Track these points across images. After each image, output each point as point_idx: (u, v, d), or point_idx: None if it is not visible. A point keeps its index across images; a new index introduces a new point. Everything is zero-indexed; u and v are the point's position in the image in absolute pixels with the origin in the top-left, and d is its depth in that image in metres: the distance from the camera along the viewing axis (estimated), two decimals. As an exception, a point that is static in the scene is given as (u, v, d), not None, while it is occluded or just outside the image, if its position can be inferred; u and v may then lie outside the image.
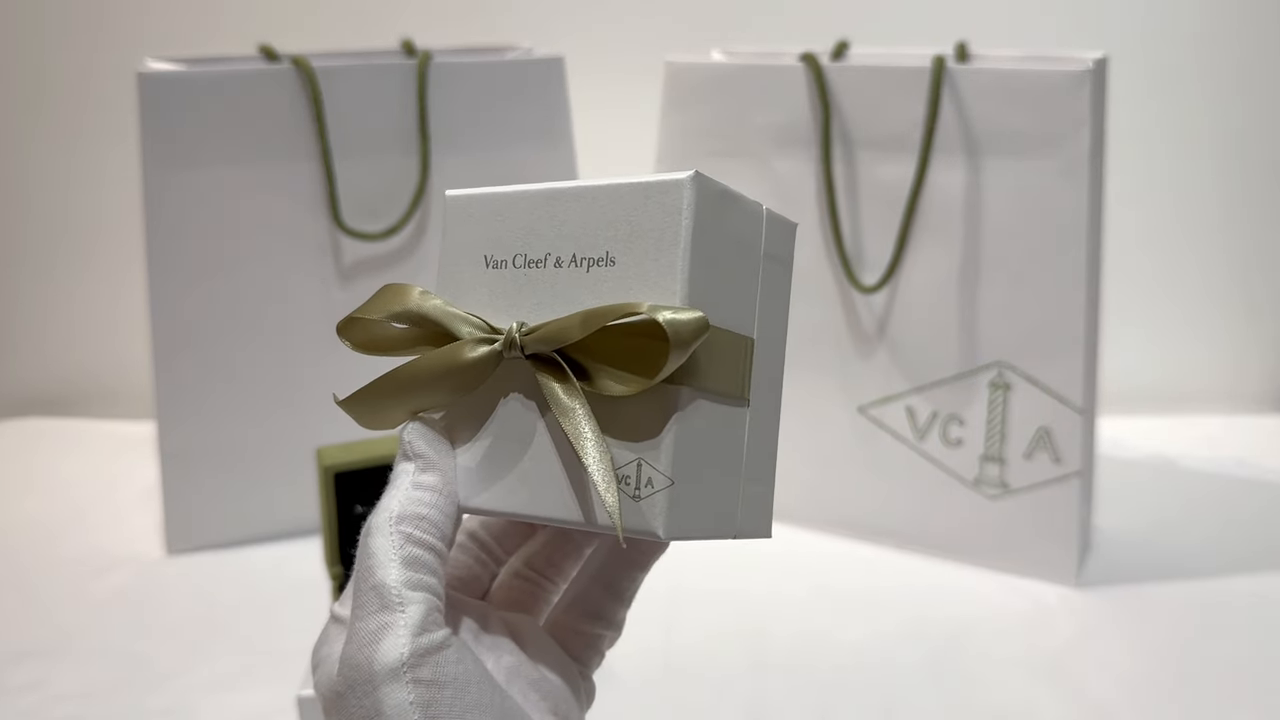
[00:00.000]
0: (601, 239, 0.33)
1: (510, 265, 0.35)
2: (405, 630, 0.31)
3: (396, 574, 0.32)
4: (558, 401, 0.32)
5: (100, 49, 1.04)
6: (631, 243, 0.32)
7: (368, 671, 0.31)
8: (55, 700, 0.65)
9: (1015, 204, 0.75)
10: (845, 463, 0.84)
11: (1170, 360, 1.10)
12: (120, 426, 1.05)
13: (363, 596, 0.32)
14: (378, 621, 0.32)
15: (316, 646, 0.35)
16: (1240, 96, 1.05)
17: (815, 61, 0.78)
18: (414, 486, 0.34)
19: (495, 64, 0.83)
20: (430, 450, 0.35)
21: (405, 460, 0.35)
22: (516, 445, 0.34)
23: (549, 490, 0.33)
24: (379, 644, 0.31)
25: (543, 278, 0.34)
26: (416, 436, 0.35)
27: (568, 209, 0.34)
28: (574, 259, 0.34)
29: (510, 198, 0.35)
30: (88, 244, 1.08)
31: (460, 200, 0.36)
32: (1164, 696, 0.66)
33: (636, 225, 0.32)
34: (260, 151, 0.78)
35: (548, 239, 0.34)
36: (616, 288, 0.33)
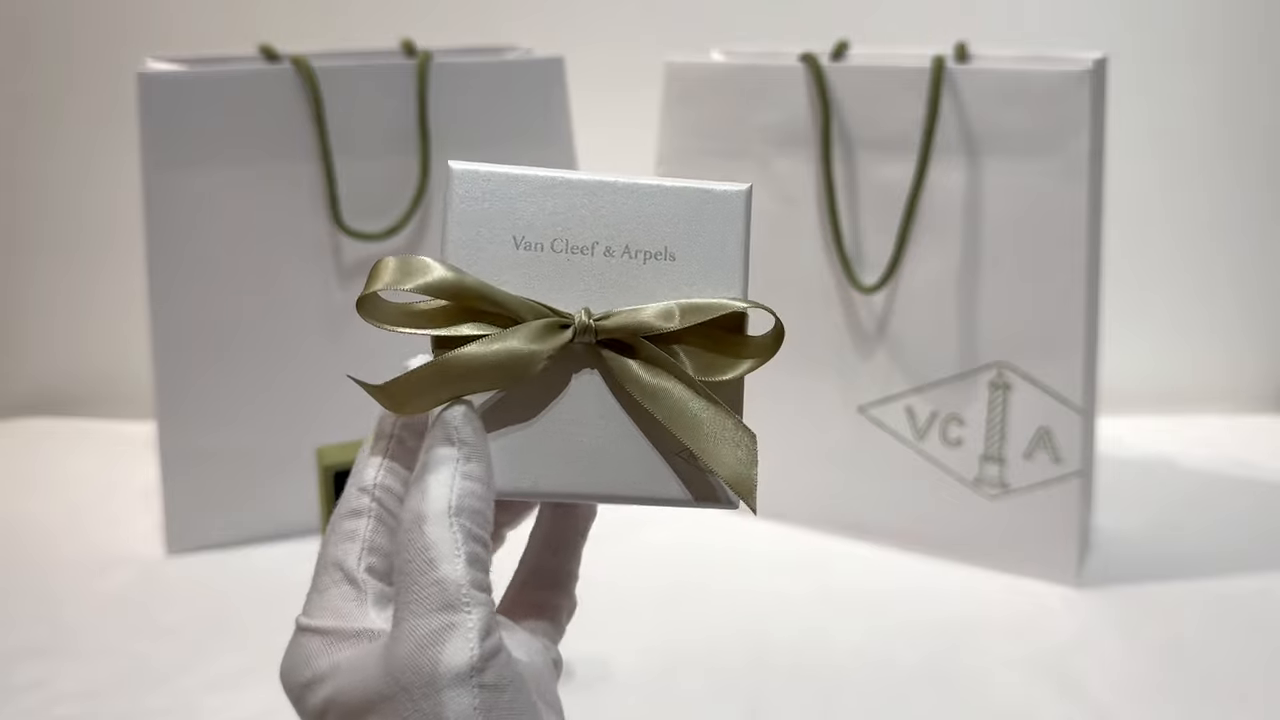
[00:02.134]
0: (659, 235, 0.35)
1: (548, 249, 0.35)
2: (474, 633, 0.30)
3: (464, 571, 0.31)
4: (642, 384, 0.34)
5: (100, 49, 1.04)
6: (692, 242, 0.35)
7: (429, 674, 0.30)
8: (56, 700, 0.65)
9: (1015, 204, 0.75)
10: (845, 463, 0.84)
11: (1170, 360, 1.10)
12: (120, 426, 1.05)
13: (421, 591, 0.31)
14: (441, 621, 0.30)
15: (296, 665, 0.33)
16: (1240, 96, 1.05)
17: (815, 61, 0.78)
18: (463, 476, 0.32)
19: (495, 64, 0.83)
20: (475, 438, 0.33)
21: (447, 445, 0.33)
22: (575, 428, 0.34)
23: (620, 469, 0.34)
24: (445, 645, 0.30)
25: (590, 265, 0.35)
26: (464, 422, 0.33)
27: (613, 201, 0.35)
28: (627, 250, 0.35)
29: (541, 181, 0.35)
30: (88, 244, 1.08)
31: (474, 175, 0.36)
32: (1164, 696, 0.66)
33: (697, 226, 0.36)
34: (260, 151, 0.78)
35: (591, 227, 0.35)
36: (678, 281, 0.35)
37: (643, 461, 0.35)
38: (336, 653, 0.32)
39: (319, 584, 0.34)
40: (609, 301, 0.35)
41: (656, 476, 0.35)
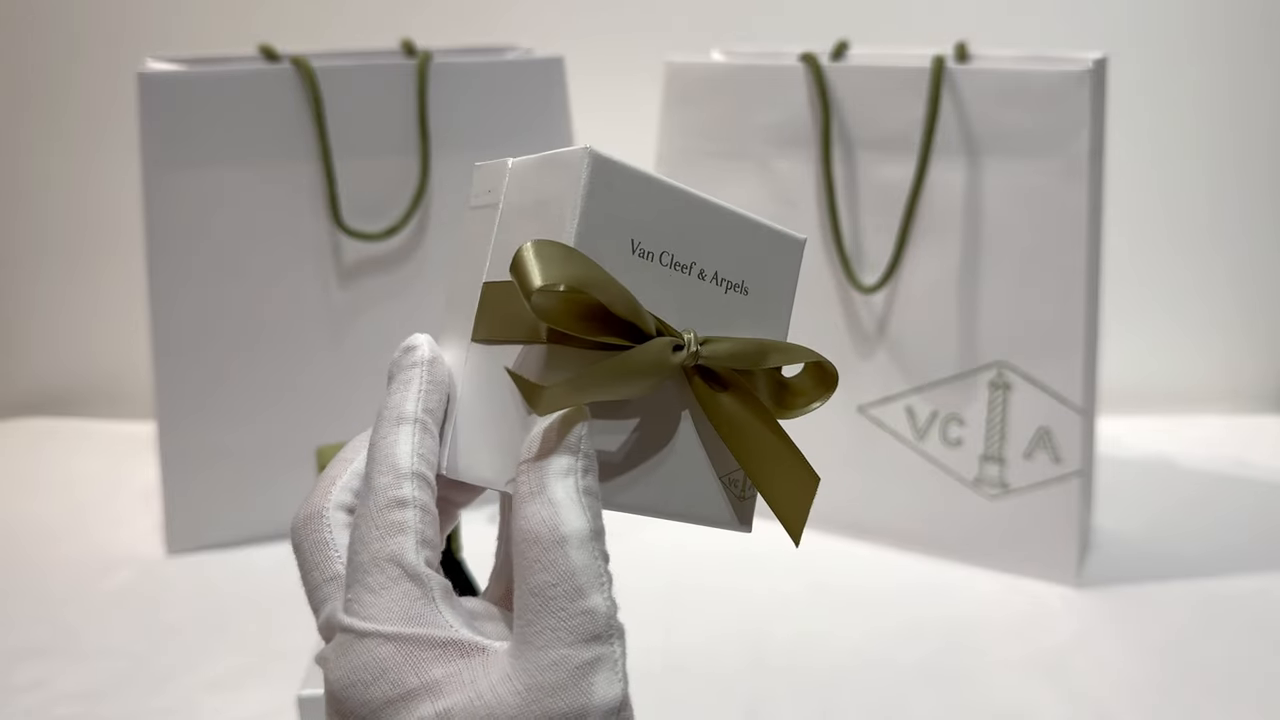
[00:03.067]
0: (740, 266, 0.36)
1: (658, 261, 0.34)
2: (621, 668, 0.30)
3: (608, 601, 0.30)
4: (729, 416, 0.34)
5: (100, 49, 1.04)
6: (760, 281, 0.37)
7: (581, 708, 0.29)
8: (57, 699, 0.66)
9: (1015, 204, 0.75)
10: (845, 463, 0.84)
11: (1170, 360, 1.10)
12: (121, 426, 1.05)
13: (567, 620, 0.29)
14: (592, 653, 0.29)
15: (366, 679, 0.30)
16: (1240, 96, 1.05)
17: (815, 61, 0.78)
18: (586, 492, 0.31)
19: (495, 64, 0.83)
20: (591, 449, 0.32)
21: (569, 455, 0.31)
22: (650, 446, 0.34)
23: (681, 489, 0.35)
24: (595, 677, 0.29)
25: (685, 285, 0.35)
26: (588, 435, 0.31)
27: (715, 224, 0.35)
28: (715, 277, 0.35)
29: (666, 189, 0.34)
30: (88, 244, 1.08)
31: (610, 165, 0.32)
32: (1164, 696, 0.66)
33: (764, 267, 0.37)
34: (260, 151, 0.78)
35: (694, 247, 0.35)
36: (746, 319, 0.36)
37: (701, 483, 0.36)
38: (429, 666, 0.30)
39: (371, 583, 0.31)
40: (692, 323, 0.35)
41: (709, 500, 0.36)
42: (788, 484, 0.35)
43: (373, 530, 0.32)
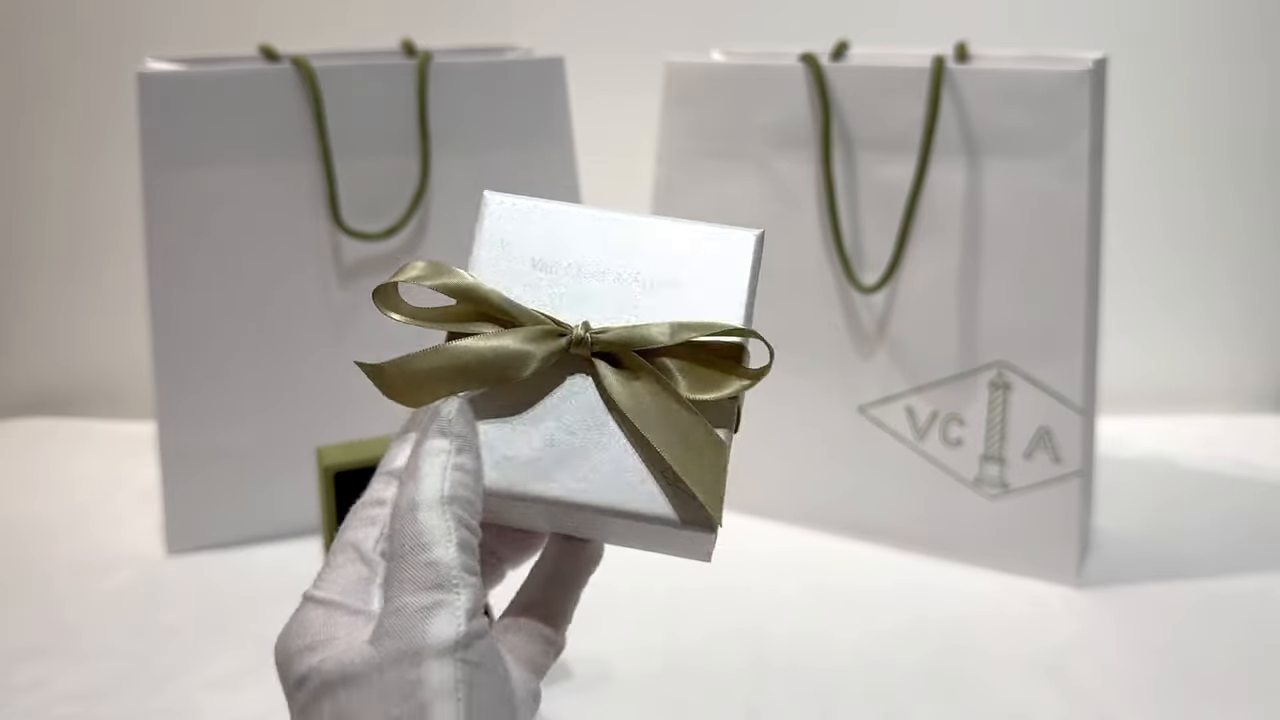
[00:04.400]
0: (670, 267, 0.37)
1: (563, 271, 0.37)
2: (462, 611, 0.32)
3: (455, 555, 0.32)
4: (625, 394, 0.35)
5: (100, 49, 1.04)
6: (700, 276, 0.37)
7: (416, 645, 0.31)
8: (57, 699, 0.66)
9: (1015, 204, 0.75)
10: (845, 463, 0.84)
11: (1170, 360, 1.10)
12: (121, 426, 1.05)
13: (413, 571, 0.32)
14: (431, 599, 0.31)
15: (292, 633, 0.34)
16: (1240, 96, 1.05)
17: (815, 61, 0.78)
18: (455, 468, 0.34)
19: (495, 64, 0.83)
20: (468, 431, 0.35)
21: (441, 437, 0.34)
22: (565, 436, 0.35)
23: (604, 480, 0.35)
24: (433, 619, 0.31)
25: (601, 288, 0.37)
26: (458, 415, 0.35)
27: (631, 234, 0.38)
28: (636, 277, 0.37)
29: (562, 213, 0.38)
30: (88, 244, 1.08)
31: (503, 203, 0.38)
32: (1164, 696, 0.66)
33: (707, 263, 0.38)
34: (260, 151, 0.78)
35: (607, 256, 0.38)
36: (683, 310, 0.37)
37: (626, 475, 0.35)
38: (334, 626, 0.33)
39: (333, 562, 0.35)
40: (612, 322, 0.37)
41: (638, 491, 0.35)
42: (700, 461, 0.35)
43: (351, 520, 0.35)
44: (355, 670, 0.31)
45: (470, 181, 0.84)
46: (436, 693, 0.30)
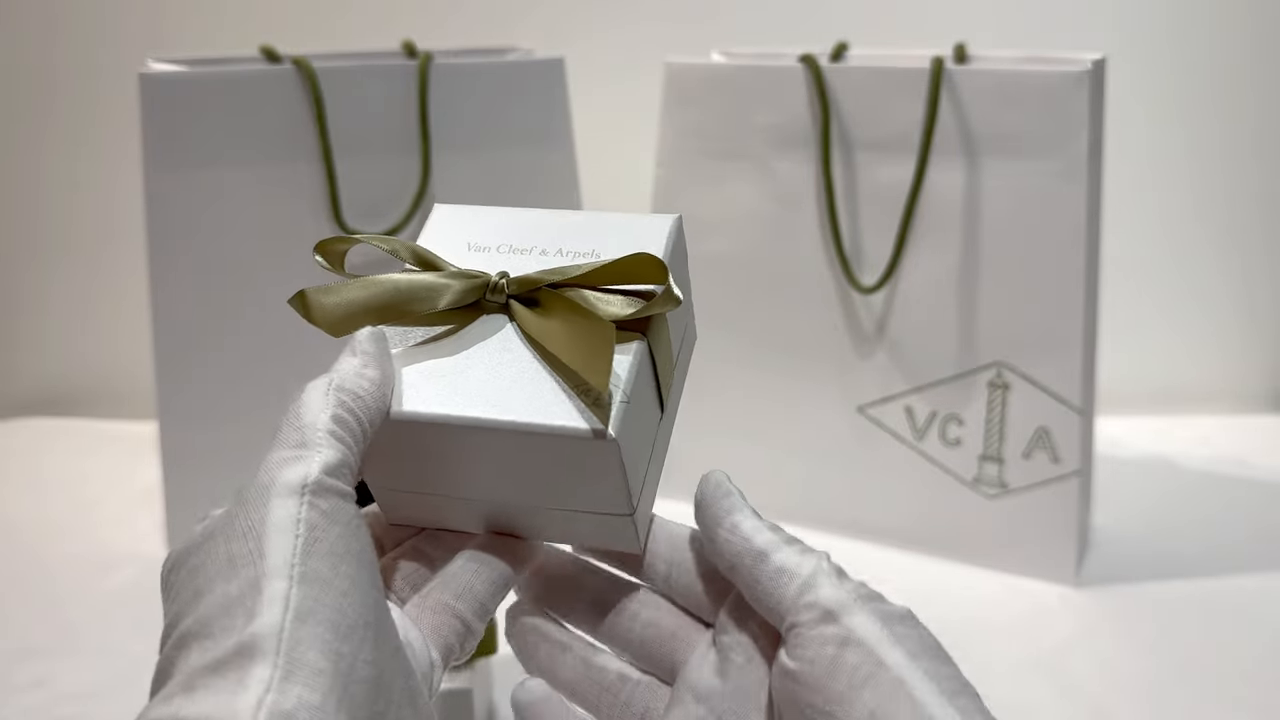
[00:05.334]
0: (589, 242, 0.40)
1: (494, 250, 0.41)
2: (317, 462, 0.31)
3: (325, 421, 0.32)
4: (536, 322, 0.36)
5: (101, 49, 1.04)
6: (618, 247, 0.39)
7: (266, 486, 0.31)
8: (58, 699, 0.66)
9: (1014, 205, 0.75)
10: (844, 463, 0.84)
11: (1169, 360, 1.10)
12: (122, 426, 1.05)
13: (283, 435, 0.32)
14: (292, 453, 0.32)
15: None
16: (1240, 96, 1.05)
17: (814, 62, 0.78)
18: (356, 375, 0.34)
19: (496, 65, 0.83)
20: (376, 351, 0.35)
21: (351, 355, 0.35)
22: (484, 371, 0.37)
23: (518, 400, 0.36)
24: (287, 467, 0.31)
25: (526, 260, 0.40)
26: (367, 337, 0.35)
27: (556, 222, 0.41)
28: (560, 250, 0.40)
29: (497, 212, 0.42)
30: (89, 244, 1.09)
31: (449, 209, 0.43)
32: (1163, 695, 0.66)
33: (624, 236, 0.40)
34: (262, 152, 0.79)
35: (532, 237, 0.41)
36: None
37: (547, 396, 0.36)
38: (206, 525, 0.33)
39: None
40: None
41: (549, 406, 0.35)
42: (588, 344, 0.35)
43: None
44: (210, 527, 0.32)
45: (471, 182, 0.84)
46: (275, 527, 0.30)
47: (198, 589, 0.31)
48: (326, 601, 0.29)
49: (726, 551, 0.37)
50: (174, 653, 0.30)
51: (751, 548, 0.36)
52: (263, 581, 0.29)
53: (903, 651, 0.34)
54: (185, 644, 0.29)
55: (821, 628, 0.34)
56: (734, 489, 0.38)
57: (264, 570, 0.29)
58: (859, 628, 0.34)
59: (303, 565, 0.29)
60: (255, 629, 0.28)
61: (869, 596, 0.36)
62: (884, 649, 0.34)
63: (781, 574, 0.36)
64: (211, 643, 0.28)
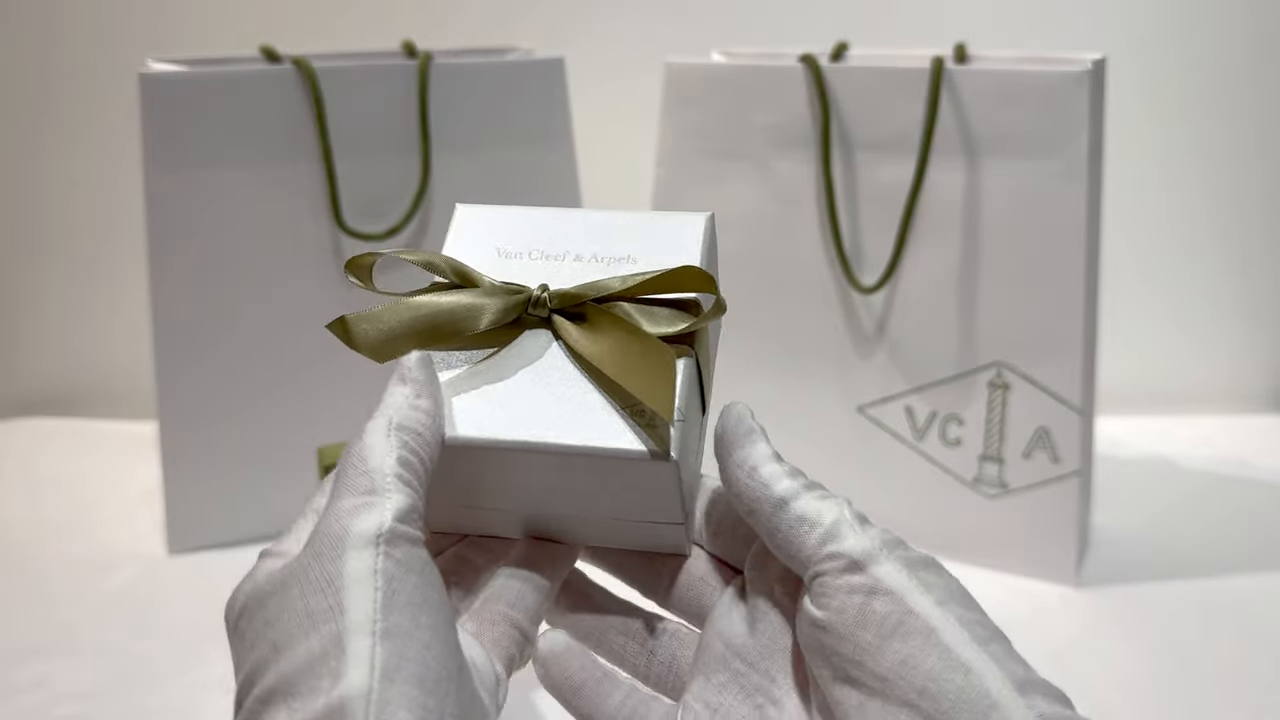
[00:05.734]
0: (622, 245, 0.40)
1: (526, 257, 0.40)
2: (390, 510, 0.31)
3: (392, 465, 0.32)
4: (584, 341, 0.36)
5: (101, 49, 1.04)
6: (653, 251, 0.39)
7: (340, 537, 0.30)
8: (57, 699, 0.66)
9: (1014, 205, 0.75)
10: (845, 463, 0.84)
11: (1169, 360, 1.10)
12: (122, 426, 1.05)
13: (349, 480, 0.32)
14: (362, 500, 0.31)
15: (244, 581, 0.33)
16: (1240, 96, 1.05)
17: (815, 62, 0.78)
18: (410, 407, 0.34)
19: (496, 65, 0.83)
20: (426, 378, 0.35)
21: (401, 384, 0.35)
22: (532, 390, 0.36)
23: (570, 422, 0.35)
24: (359, 516, 0.31)
25: (560, 267, 0.39)
26: (416, 364, 0.35)
27: (586, 223, 0.41)
28: (594, 256, 0.40)
29: (524, 213, 0.41)
30: (89, 244, 1.09)
31: (471, 211, 0.42)
32: (1164, 695, 0.66)
33: (660, 241, 0.40)
34: (261, 152, 0.79)
35: (563, 242, 0.40)
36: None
37: (589, 414, 0.35)
38: (269, 562, 0.33)
39: (294, 525, 0.35)
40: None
41: (603, 428, 0.35)
42: (647, 368, 0.35)
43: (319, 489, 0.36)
44: (283, 576, 0.31)
45: (471, 182, 0.84)
46: (353, 580, 0.29)
47: (276, 643, 0.30)
48: (410, 656, 0.29)
49: (745, 496, 0.36)
50: (259, 708, 0.29)
51: (770, 494, 0.36)
52: (345, 639, 0.29)
53: (931, 599, 0.34)
54: (271, 701, 0.29)
55: (847, 577, 0.34)
56: (755, 425, 0.37)
57: (345, 626, 0.29)
58: (886, 576, 0.34)
59: (384, 620, 0.29)
60: (343, 691, 0.28)
61: (893, 544, 0.35)
62: (912, 597, 0.34)
63: (802, 523, 0.35)
64: (299, 703, 0.28)
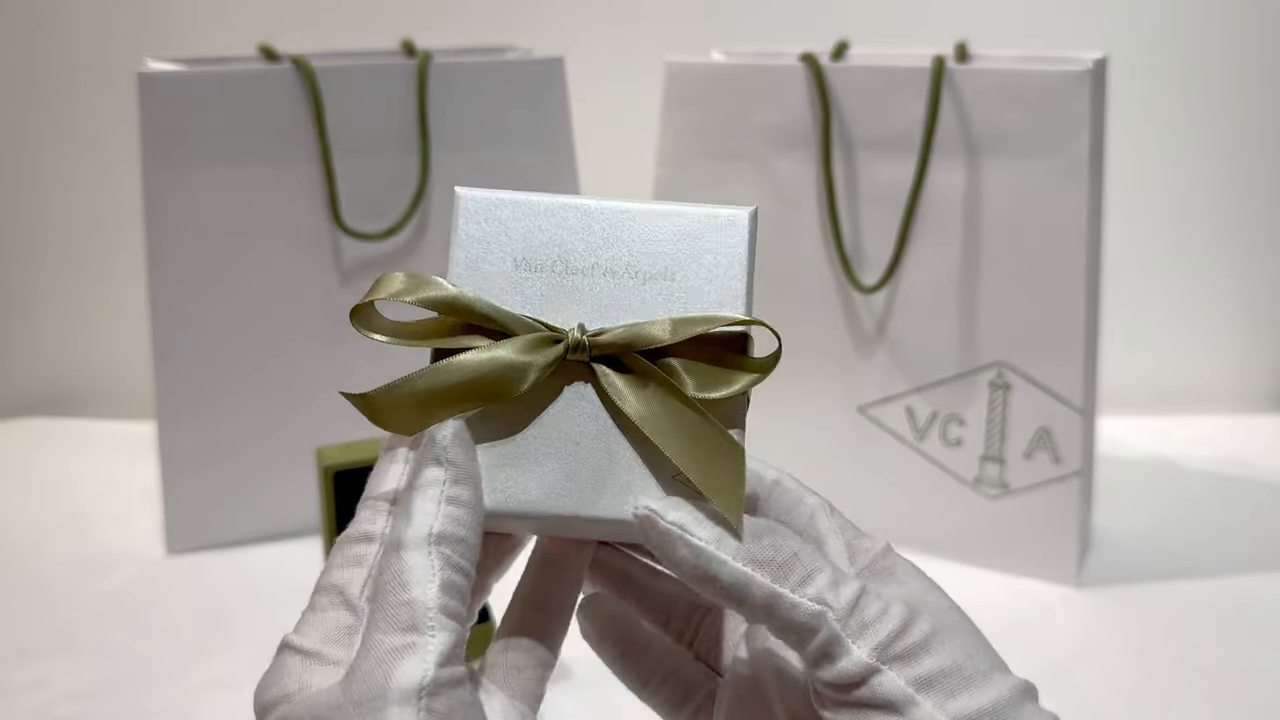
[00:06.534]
0: (660, 256, 0.35)
1: (549, 270, 0.35)
2: (433, 655, 0.29)
3: (435, 595, 0.30)
4: (632, 399, 0.33)
5: (100, 49, 1.04)
6: (693, 262, 0.35)
7: (381, 688, 0.29)
8: (56, 700, 0.66)
9: (1015, 204, 0.75)
10: (845, 463, 0.84)
11: (1170, 360, 1.10)
12: (121, 426, 1.05)
13: (389, 610, 0.30)
14: (403, 640, 0.30)
15: (268, 683, 0.32)
16: (1241, 95, 1.05)
17: (815, 61, 0.78)
18: (449, 501, 0.31)
19: (495, 64, 0.83)
20: (465, 459, 0.32)
21: (436, 466, 0.32)
22: (571, 448, 0.34)
23: (616, 492, 0.33)
24: (401, 662, 0.29)
25: (590, 285, 0.35)
26: (454, 442, 0.32)
27: (613, 224, 0.36)
28: (627, 270, 0.35)
29: (543, 206, 0.36)
30: (88, 244, 1.08)
31: (478, 200, 0.36)
32: (1164, 696, 0.66)
33: (699, 248, 0.36)
34: (260, 151, 0.78)
35: (591, 250, 0.36)
36: (680, 301, 0.35)
37: (639, 485, 0.33)
38: (311, 675, 0.31)
39: (316, 604, 0.33)
40: (607, 319, 0.35)
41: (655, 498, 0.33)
42: (712, 462, 0.33)
43: (336, 557, 0.33)
44: (321, 714, 0.30)
45: (470, 181, 0.83)
46: None
47: None
48: None
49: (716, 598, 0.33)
50: None
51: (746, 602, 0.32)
52: None
53: (931, 702, 0.32)
54: None
55: (845, 694, 0.32)
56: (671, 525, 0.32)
57: None
58: (883, 688, 0.31)
59: None
60: None
61: (890, 638, 0.32)
62: (913, 712, 0.31)
63: (788, 633, 0.32)
64: None
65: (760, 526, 0.33)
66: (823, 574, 0.32)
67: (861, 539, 0.37)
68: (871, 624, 0.32)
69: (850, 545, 0.36)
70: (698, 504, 0.33)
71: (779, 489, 0.37)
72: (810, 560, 0.33)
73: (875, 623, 0.32)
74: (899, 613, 0.33)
